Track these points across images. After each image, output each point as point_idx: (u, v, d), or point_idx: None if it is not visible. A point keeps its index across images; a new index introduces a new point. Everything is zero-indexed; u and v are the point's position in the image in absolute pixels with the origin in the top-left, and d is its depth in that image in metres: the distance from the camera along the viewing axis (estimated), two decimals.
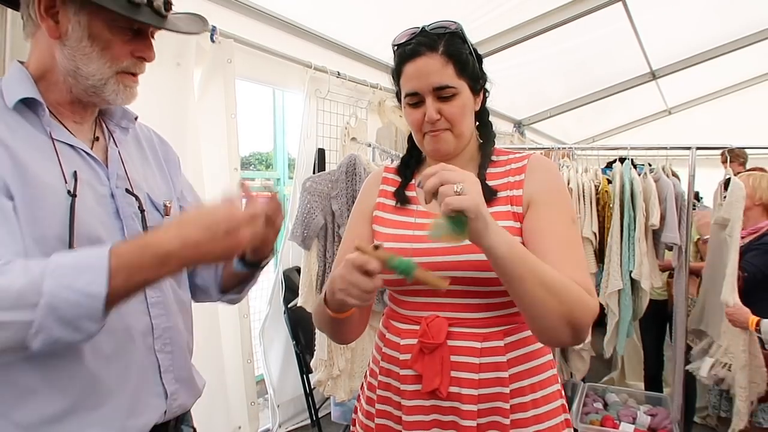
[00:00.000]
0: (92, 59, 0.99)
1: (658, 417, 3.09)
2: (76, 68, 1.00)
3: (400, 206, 1.29)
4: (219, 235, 0.90)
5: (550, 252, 1.09)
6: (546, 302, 1.00)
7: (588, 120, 6.87)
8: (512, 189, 1.20)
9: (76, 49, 0.98)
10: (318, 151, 3.38)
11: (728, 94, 6.98)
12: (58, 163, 0.98)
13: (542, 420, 1.18)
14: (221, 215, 0.91)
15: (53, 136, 1.00)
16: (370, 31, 3.44)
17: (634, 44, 4.73)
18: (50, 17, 0.98)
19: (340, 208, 2.77)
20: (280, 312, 3.39)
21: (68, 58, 0.99)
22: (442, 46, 1.15)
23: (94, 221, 1.01)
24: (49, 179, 0.96)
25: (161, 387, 1.11)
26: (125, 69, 1.03)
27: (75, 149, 1.04)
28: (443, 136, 1.20)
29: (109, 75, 1.01)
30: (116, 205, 1.07)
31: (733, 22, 4.92)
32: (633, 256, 3.04)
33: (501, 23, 3.91)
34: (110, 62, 1.01)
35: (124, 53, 1.02)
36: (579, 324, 1.03)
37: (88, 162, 1.05)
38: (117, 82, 1.03)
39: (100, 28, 0.98)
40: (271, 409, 3.48)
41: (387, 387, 1.24)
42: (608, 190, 3.17)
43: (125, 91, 1.05)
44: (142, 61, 1.06)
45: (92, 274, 0.83)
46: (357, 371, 3.07)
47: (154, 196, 1.16)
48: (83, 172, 1.02)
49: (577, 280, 1.05)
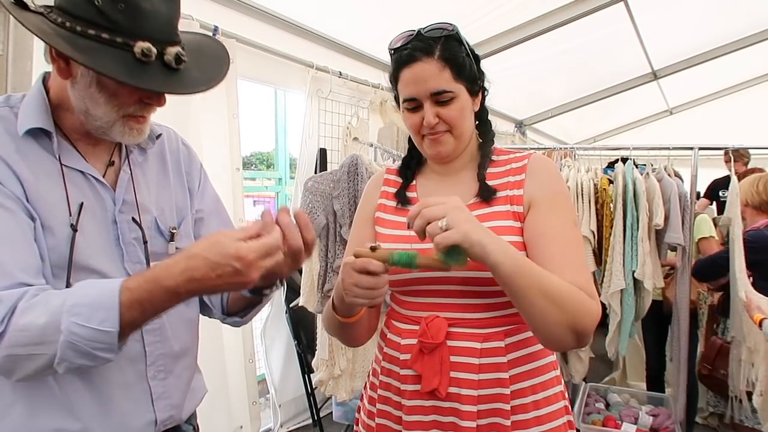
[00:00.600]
0: (100, 104, 0.98)
1: (660, 417, 3.09)
2: (86, 108, 0.99)
3: (401, 207, 1.29)
4: (227, 272, 0.89)
5: (552, 256, 1.10)
6: (549, 312, 1.02)
7: (589, 120, 6.87)
8: (512, 189, 1.20)
9: (85, 93, 0.98)
10: (320, 151, 3.38)
11: (729, 95, 6.99)
12: (65, 193, 0.99)
13: (544, 421, 1.17)
14: (232, 253, 0.89)
15: (63, 162, 1.01)
16: (371, 31, 3.44)
17: (635, 44, 4.73)
18: (61, 59, 0.96)
19: (342, 208, 2.77)
20: (281, 312, 3.39)
21: (78, 98, 0.99)
22: (438, 51, 1.15)
23: (93, 252, 1.02)
24: (55, 208, 0.98)
25: (152, 414, 1.10)
26: (132, 114, 1.02)
27: (84, 175, 1.04)
28: (443, 138, 1.20)
29: (116, 119, 1.01)
30: (118, 231, 1.06)
31: (735, 23, 4.92)
32: (636, 256, 3.04)
33: (502, 23, 3.91)
34: (117, 108, 1.00)
35: (131, 101, 1.00)
36: (583, 330, 1.06)
37: (95, 188, 1.05)
38: (123, 125, 1.02)
39: (107, 79, 0.95)
40: (272, 408, 3.48)
41: (387, 387, 1.24)
42: (606, 188, 3.17)
43: (131, 133, 1.04)
44: (151, 106, 1.04)
45: (105, 312, 0.87)
46: (358, 371, 3.07)
47: (162, 219, 1.15)
48: (89, 199, 1.03)
49: (579, 284, 1.07)
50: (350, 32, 3.42)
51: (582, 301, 1.06)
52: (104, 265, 1.03)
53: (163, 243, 1.14)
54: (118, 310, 0.87)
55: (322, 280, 2.81)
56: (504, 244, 1.03)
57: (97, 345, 0.87)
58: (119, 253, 1.06)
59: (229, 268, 0.89)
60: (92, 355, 0.88)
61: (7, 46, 1.76)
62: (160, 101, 1.04)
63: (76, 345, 0.86)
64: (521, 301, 1.04)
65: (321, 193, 2.81)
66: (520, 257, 1.04)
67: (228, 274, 0.89)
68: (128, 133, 1.03)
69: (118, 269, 1.05)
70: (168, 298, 0.91)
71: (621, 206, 3.08)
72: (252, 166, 4.72)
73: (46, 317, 0.86)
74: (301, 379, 3.40)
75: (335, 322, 1.19)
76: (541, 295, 1.02)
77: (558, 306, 1.02)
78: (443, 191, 1.27)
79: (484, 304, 1.17)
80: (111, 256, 1.05)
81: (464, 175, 1.27)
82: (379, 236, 1.29)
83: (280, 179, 4.09)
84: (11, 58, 1.77)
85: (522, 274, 1.01)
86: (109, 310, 0.87)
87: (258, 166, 4.87)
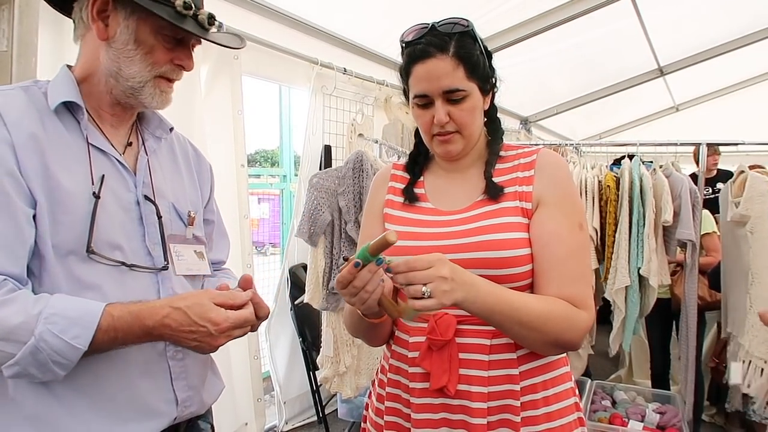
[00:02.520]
0: (135, 61, 1.05)
1: (667, 415, 3.07)
2: (118, 69, 1.05)
3: (409, 203, 1.28)
4: (200, 332, 0.99)
5: (552, 266, 1.13)
6: (528, 337, 1.10)
7: (595, 117, 6.85)
8: (521, 185, 1.19)
9: (121, 51, 1.04)
10: (324, 148, 3.38)
11: (736, 91, 6.95)
12: (89, 166, 1.04)
13: (554, 418, 1.16)
14: (211, 317, 0.99)
15: (89, 140, 1.06)
16: (376, 28, 3.43)
17: (641, 40, 4.70)
18: (101, 20, 1.04)
19: (347, 205, 2.76)
20: (286, 309, 3.39)
21: (112, 59, 1.05)
22: (453, 47, 1.13)
23: (115, 227, 1.06)
24: (76, 183, 1.01)
25: (172, 394, 1.12)
26: (163, 74, 1.09)
27: (107, 155, 1.09)
28: (452, 138, 1.19)
29: (148, 78, 1.07)
30: (140, 212, 1.11)
31: (742, 19, 4.89)
32: (641, 253, 3.02)
33: (508, 19, 3.90)
34: (151, 66, 1.07)
35: (165, 59, 1.08)
36: (566, 344, 1.13)
37: (118, 169, 1.10)
38: (154, 86, 1.08)
39: (146, 33, 1.05)
40: (277, 405, 3.48)
41: (396, 384, 1.23)
42: (611, 185, 3.15)
43: (161, 96, 1.10)
44: (180, 69, 1.12)
45: (81, 329, 0.91)
46: (363, 368, 3.06)
47: (179, 205, 1.20)
48: (111, 178, 1.07)
49: (572, 296, 1.12)
50: (355, 29, 3.42)
51: (567, 319, 1.10)
52: (126, 242, 1.07)
53: (182, 227, 1.20)
54: (94, 331, 0.92)
55: (327, 277, 2.81)
56: (478, 292, 1.04)
57: (58, 358, 0.90)
58: (141, 232, 1.11)
59: (203, 329, 0.98)
60: (45, 368, 0.91)
61: (11, 42, 1.76)
62: (189, 64, 1.12)
63: (39, 353, 0.89)
64: (500, 328, 1.11)
65: (326, 189, 2.80)
66: (482, 296, 1.05)
67: (201, 333, 0.99)
68: (158, 95, 1.10)
69: (141, 247, 1.10)
70: (140, 335, 0.97)
71: (627, 203, 3.07)
72: (256, 164, 4.73)
73: (21, 318, 0.89)
74: (306, 376, 3.40)
75: (363, 324, 1.19)
76: (516, 326, 1.08)
77: (536, 331, 1.08)
78: (451, 189, 1.26)
79: None
80: (133, 234, 1.09)
81: (472, 173, 1.26)
82: None
83: (284, 176, 4.09)
84: (15, 54, 1.77)
85: (497, 315, 1.07)
86: (85, 328, 0.91)
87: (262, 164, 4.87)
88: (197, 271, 1.21)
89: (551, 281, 1.12)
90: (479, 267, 1.13)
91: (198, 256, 1.22)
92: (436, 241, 1.18)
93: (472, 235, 1.15)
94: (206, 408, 1.24)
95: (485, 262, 1.12)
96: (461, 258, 1.14)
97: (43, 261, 0.98)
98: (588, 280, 1.18)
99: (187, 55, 1.12)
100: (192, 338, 0.99)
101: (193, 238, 1.22)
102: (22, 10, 1.78)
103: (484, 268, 1.12)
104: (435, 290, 0.97)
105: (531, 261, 1.15)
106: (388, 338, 1.30)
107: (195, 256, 1.21)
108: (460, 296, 1.00)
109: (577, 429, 1.20)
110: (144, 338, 0.98)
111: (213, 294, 1.03)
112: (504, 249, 1.13)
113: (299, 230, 2.86)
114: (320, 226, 2.81)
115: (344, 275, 1.00)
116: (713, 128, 6.23)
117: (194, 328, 0.98)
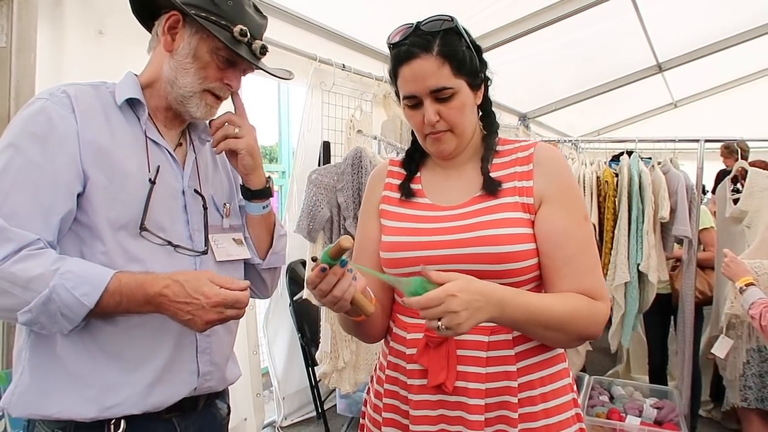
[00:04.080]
0: (189, 73, 1.18)
1: (665, 410, 3.09)
2: (175, 78, 1.19)
3: (405, 199, 1.28)
4: (193, 303, 1.06)
5: (563, 262, 1.15)
6: (553, 337, 1.14)
7: (593, 113, 6.84)
8: (520, 180, 1.19)
9: (180, 63, 1.18)
10: (323, 144, 3.37)
11: (734, 87, 6.94)
12: (146, 156, 1.18)
13: (552, 414, 1.16)
14: (204, 290, 1.06)
15: (147, 134, 1.20)
16: (374, 24, 3.42)
17: (640, 36, 4.70)
18: (170, 35, 1.19)
19: (346, 201, 2.77)
20: (282, 304, 3.39)
21: (172, 68, 1.19)
22: (437, 46, 1.13)
23: (163, 211, 1.18)
24: (134, 168, 1.15)
25: (195, 365, 1.22)
26: (212, 89, 1.21)
27: (161, 148, 1.22)
28: (444, 137, 1.19)
29: (198, 90, 1.19)
30: (185, 201, 1.24)
31: (741, 14, 4.88)
32: (641, 249, 3.03)
33: (506, 15, 3.89)
34: (202, 80, 1.19)
35: (215, 76, 1.20)
36: (589, 336, 1.17)
37: (170, 161, 1.23)
38: (201, 98, 1.20)
39: (204, 51, 1.18)
40: (275, 401, 3.49)
41: (394, 381, 1.23)
42: (609, 180, 3.15)
43: (206, 108, 1.22)
44: (228, 88, 1.23)
45: (90, 287, 1.02)
46: (362, 363, 3.07)
47: (217, 198, 1.32)
48: (164, 168, 1.20)
49: (587, 288, 1.14)
50: (353, 24, 3.41)
51: (589, 314, 1.13)
52: (171, 226, 1.19)
53: (219, 217, 1.31)
54: (102, 291, 1.02)
55: None
56: (503, 310, 1.05)
57: (66, 312, 1.01)
58: (185, 219, 1.23)
59: (196, 301, 1.06)
60: (53, 319, 1.01)
61: (10, 38, 1.76)
62: (237, 85, 1.25)
63: (51, 303, 0.99)
64: (526, 333, 1.14)
65: (325, 185, 2.80)
66: (509, 309, 1.06)
67: (194, 306, 1.06)
68: (203, 107, 1.21)
69: (184, 231, 1.22)
70: (141, 302, 1.06)
71: (626, 199, 3.07)
72: None
73: (41, 269, 1.00)
74: (305, 372, 3.41)
75: (349, 322, 1.23)
76: (542, 329, 1.11)
77: (562, 331, 1.12)
78: (448, 184, 1.26)
79: None
80: (178, 220, 1.22)
81: (468, 168, 1.25)
82: (384, 229, 1.28)
83: (283, 172, 4.09)
84: (15, 49, 1.77)
85: (523, 323, 1.10)
86: (94, 288, 1.02)
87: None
88: (237, 256, 1.31)
89: (566, 277, 1.14)
90: (477, 262, 1.13)
91: (236, 243, 1.32)
92: (433, 237, 1.18)
93: (470, 231, 1.15)
94: (225, 385, 1.34)
95: (483, 257, 1.13)
96: (459, 253, 1.14)
97: (94, 231, 1.10)
98: (599, 270, 1.20)
99: (237, 77, 1.24)
100: (186, 310, 1.06)
101: (229, 227, 1.33)
102: (21, 6, 1.79)
103: (482, 263, 1.13)
104: (449, 324, 0.98)
105: (534, 256, 1.15)
106: (382, 335, 1.31)
107: (233, 243, 1.32)
108: (482, 318, 1.02)
109: (575, 425, 1.20)
110: (145, 306, 1.07)
111: (213, 274, 1.11)
112: (503, 244, 1.13)
113: (298, 226, 2.86)
114: (319, 222, 2.81)
115: (311, 278, 1.04)
116: (711, 125, 6.24)
117: (188, 300, 1.06)
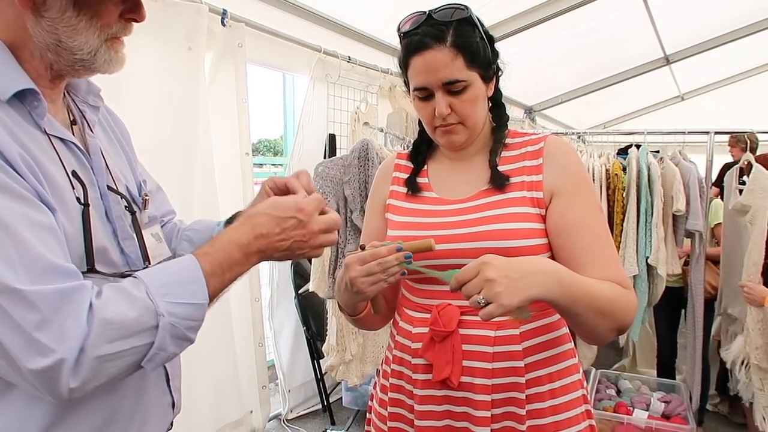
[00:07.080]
0: (78, 31, 0.84)
1: (672, 404, 3.07)
2: (57, 42, 0.84)
3: (412, 194, 1.27)
4: (290, 224, 0.91)
5: (584, 250, 1.10)
6: (599, 324, 1.04)
7: (599, 106, 6.80)
8: (530, 174, 1.17)
9: (58, 21, 0.83)
10: (329, 137, 3.36)
11: (742, 80, 6.89)
12: (62, 166, 0.86)
13: (560, 411, 1.14)
14: (292, 206, 0.91)
15: (47, 131, 0.86)
16: (381, 16, 3.40)
17: (648, 28, 4.65)
18: None
19: (353, 194, 2.75)
20: (288, 296, 3.39)
21: (48, 30, 0.83)
22: (451, 37, 1.10)
23: (99, 230, 0.90)
24: (63, 187, 0.84)
25: (169, 396, 1.06)
26: (114, 34, 0.89)
27: (66, 143, 0.90)
28: (455, 129, 1.17)
29: (99, 44, 0.87)
30: (105, 205, 0.94)
31: (748, 6, 4.83)
32: (650, 242, 3.01)
33: (512, 7, 3.86)
34: (100, 30, 0.86)
35: (113, 18, 0.88)
36: (626, 327, 1.09)
37: (80, 159, 0.91)
38: (107, 50, 0.89)
39: None
40: (281, 393, 3.50)
41: (400, 376, 1.22)
42: (618, 174, 3.13)
43: (116, 58, 0.91)
44: (131, 23, 0.92)
45: (193, 285, 0.84)
46: (369, 356, 3.07)
47: (131, 187, 1.04)
48: (80, 172, 0.89)
49: (614, 278, 1.08)
50: (359, 16, 3.39)
51: (626, 303, 1.07)
52: (106, 243, 0.91)
53: (139, 212, 1.04)
54: (204, 280, 0.84)
55: (333, 266, 2.81)
56: (561, 282, 0.98)
57: (190, 323, 0.83)
58: (111, 228, 0.94)
59: (292, 220, 0.91)
60: (185, 337, 0.83)
61: None
62: (141, 14, 0.91)
63: (175, 327, 0.80)
64: (575, 319, 1.04)
65: (331, 178, 2.79)
66: (567, 281, 0.99)
67: (291, 226, 0.91)
68: (114, 58, 0.90)
69: (115, 247, 0.94)
70: (242, 259, 0.89)
71: (635, 191, 3.05)
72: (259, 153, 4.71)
73: (133, 305, 0.78)
74: (310, 365, 3.41)
75: (348, 318, 1.24)
76: (593, 313, 1.02)
77: (608, 317, 1.04)
78: (455, 177, 1.25)
79: None
80: (106, 232, 0.92)
81: (477, 161, 1.24)
82: (391, 223, 1.26)
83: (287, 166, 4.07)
84: None
85: (576, 301, 1.00)
86: (196, 281, 0.84)
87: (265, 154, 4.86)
88: (160, 257, 1.03)
89: (587, 265, 1.08)
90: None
91: (155, 239, 1.05)
92: (440, 231, 1.16)
93: (477, 225, 1.14)
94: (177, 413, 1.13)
95: (490, 251, 1.11)
96: (464, 247, 1.13)
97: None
98: (619, 261, 1.18)
99: (137, 4, 0.90)
100: (287, 239, 0.91)
101: (148, 221, 1.06)
102: None
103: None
104: (489, 296, 0.91)
105: (542, 252, 1.13)
106: (381, 325, 1.32)
107: (153, 240, 1.04)
108: (534, 291, 0.94)
109: (584, 421, 1.18)
110: (244, 263, 0.90)
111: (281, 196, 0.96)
112: (510, 239, 1.11)
113: None
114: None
115: (391, 260, 1.04)
116: (718, 118, 6.20)
117: (284, 225, 0.90)
